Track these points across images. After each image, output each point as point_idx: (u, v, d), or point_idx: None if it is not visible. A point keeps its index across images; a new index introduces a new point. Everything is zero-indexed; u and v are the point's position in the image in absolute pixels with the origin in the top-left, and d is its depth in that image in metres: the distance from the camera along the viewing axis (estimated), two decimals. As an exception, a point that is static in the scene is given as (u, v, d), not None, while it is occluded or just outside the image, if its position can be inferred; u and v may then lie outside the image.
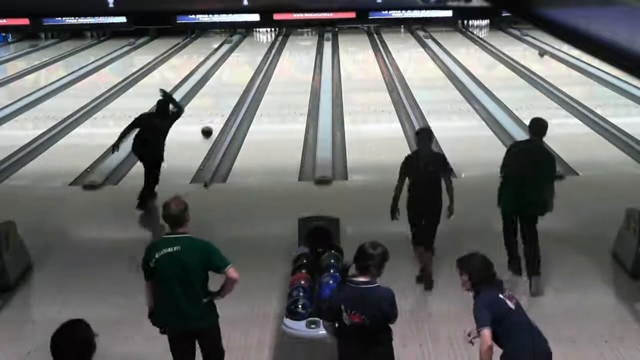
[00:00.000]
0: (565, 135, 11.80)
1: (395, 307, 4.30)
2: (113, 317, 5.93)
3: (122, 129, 8.73)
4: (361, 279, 4.25)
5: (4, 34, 24.89)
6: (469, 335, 4.32)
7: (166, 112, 8.79)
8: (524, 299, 6.17)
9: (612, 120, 12.27)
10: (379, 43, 22.47)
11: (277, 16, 18.98)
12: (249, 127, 12.76)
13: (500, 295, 4.15)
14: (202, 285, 4.56)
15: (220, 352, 4.87)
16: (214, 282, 4.64)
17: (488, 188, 9.11)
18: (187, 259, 4.45)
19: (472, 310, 4.16)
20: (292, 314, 5.07)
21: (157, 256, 4.49)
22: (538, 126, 6.34)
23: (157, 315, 4.64)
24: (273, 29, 24.87)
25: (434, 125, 12.28)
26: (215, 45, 22.60)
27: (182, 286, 4.46)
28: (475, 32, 24.46)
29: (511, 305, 4.14)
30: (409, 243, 6.57)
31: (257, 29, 24.79)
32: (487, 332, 4.02)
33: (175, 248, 4.47)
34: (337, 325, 4.33)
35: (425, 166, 6.29)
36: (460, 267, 4.26)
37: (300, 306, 5.08)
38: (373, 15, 19.04)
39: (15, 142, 11.69)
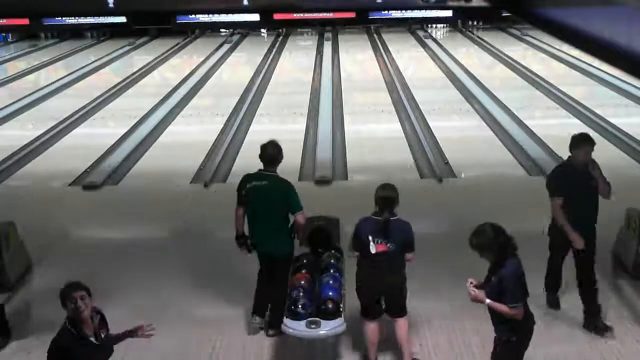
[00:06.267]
0: (565, 135, 11.73)
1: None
2: (114, 317, 5.91)
3: (121, 129, 8.72)
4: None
5: (4, 34, 24.87)
6: (471, 283, 4.40)
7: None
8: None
9: (612, 120, 12.25)
10: (379, 43, 22.46)
11: (277, 16, 18.97)
12: (249, 127, 12.75)
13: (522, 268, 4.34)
14: (282, 219, 5.49)
15: (285, 286, 5.31)
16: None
17: (488, 188, 9.15)
18: (270, 193, 5.42)
19: (502, 281, 4.24)
20: (292, 314, 5.07)
21: (248, 186, 5.49)
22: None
23: (250, 238, 5.58)
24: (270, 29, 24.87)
25: (434, 125, 12.31)
26: (216, 45, 22.58)
27: (265, 215, 5.45)
28: (474, 32, 24.44)
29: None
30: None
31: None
32: (521, 311, 4.27)
33: (263, 182, 5.46)
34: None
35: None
36: (474, 247, 4.33)
37: (300, 306, 5.08)
38: (373, 15, 19.03)
39: (15, 142, 11.68)
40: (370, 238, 4.99)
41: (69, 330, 3.78)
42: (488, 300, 4.30)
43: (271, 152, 5.51)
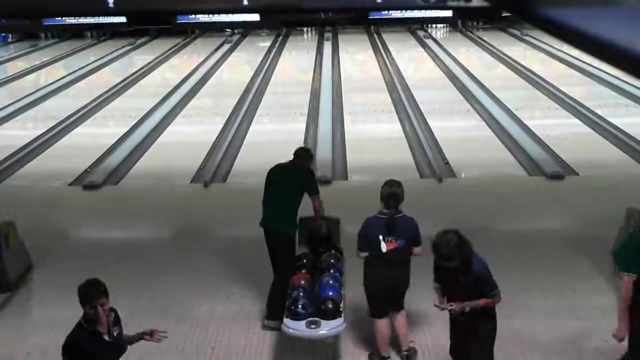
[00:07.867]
0: (565, 135, 11.81)
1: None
2: (113, 317, 5.94)
3: (122, 129, 8.74)
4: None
5: (4, 34, 24.87)
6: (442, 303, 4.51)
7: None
8: (523, 302, 6.19)
9: (612, 120, 12.25)
10: (379, 43, 22.47)
11: (277, 16, 18.93)
12: (249, 127, 12.75)
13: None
14: (293, 200, 5.67)
15: (288, 266, 5.57)
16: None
17: (488, 188, 9.15)
18: (289, 174, 5.76)
19: (480, 277, 4.31)
20: (292, 314, 5.08)
21: (272, 168, 5.86)
22: None
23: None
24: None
25: (434, 125, 12.31)
26: (216, 45, 22.58)
27: (276, 193, 5.68)
28: (474, 32, 24.44)
29: None
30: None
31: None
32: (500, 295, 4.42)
33: (285, 163, 5.84)
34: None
35: None
36: (446, 258, 4.31)
37: (300, 306, 5.08)
38: (373, 15, 19.01)
39: (15, 142, 11.69)
40: (380, 237, 4.97)
41: (84, 326, 3.84)
42: (470, 304, 4.35)
43: (301, 150, 5.91)
